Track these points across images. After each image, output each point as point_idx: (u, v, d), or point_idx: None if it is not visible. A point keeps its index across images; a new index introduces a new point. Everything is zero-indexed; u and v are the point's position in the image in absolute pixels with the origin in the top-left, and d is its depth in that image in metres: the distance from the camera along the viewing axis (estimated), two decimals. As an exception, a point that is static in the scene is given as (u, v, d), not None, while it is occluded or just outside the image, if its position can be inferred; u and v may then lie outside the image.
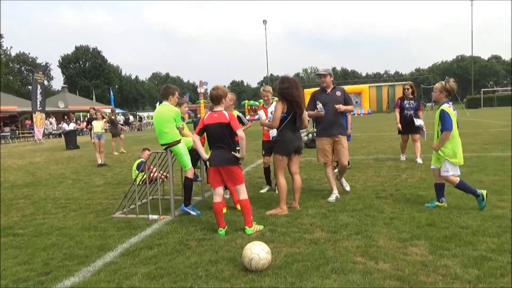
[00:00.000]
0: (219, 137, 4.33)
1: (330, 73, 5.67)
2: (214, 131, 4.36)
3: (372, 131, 18.98)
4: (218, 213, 4.36)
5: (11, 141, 28.28)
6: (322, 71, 5.67)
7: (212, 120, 4.36)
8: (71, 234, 4.61)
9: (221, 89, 4.49)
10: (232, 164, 4.35)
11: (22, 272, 3.53)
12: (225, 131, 4.32)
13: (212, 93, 4.46)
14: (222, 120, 4.32)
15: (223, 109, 4.44)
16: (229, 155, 4.32)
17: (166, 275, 3.31)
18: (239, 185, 4.37)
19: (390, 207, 5.05)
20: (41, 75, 27.54)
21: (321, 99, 5.55)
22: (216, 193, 4.41)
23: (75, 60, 74.32)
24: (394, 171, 7.67)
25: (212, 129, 4.37)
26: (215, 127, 4.34)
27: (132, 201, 5.47)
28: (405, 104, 8.68)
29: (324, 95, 5.64)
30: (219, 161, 4.33)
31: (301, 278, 3.12)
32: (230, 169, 4.34)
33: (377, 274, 3.12)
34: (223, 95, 4.45)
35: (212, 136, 4.40)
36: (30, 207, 6.16)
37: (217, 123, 4.33)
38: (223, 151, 4.32)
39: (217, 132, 4.33)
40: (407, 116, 8.60)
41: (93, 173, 9.74)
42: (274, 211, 5.03)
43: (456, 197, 5.30)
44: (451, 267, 3.19)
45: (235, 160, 4.37)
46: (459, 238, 3.80)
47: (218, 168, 4.35)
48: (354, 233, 4.11)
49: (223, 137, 4.33)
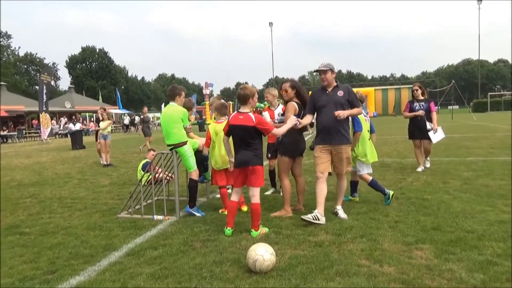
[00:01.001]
0: (243, 139, 4.32)
1: (331, 69, 4.72)
2: (239, 133, 4.33)
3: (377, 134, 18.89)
4: (231, 212, 4.38)
5: (17, 141, 28.51)
6: (322, 66, 4.75)
7: (237, 122, 4.34)
8: (76, 233, 4.65)
9: (249, 89, 4.47)
10: (258, 164, 4.33)
11: (28, 270, 3.56)
12: (251, 134, 4.30)
13: (240, 93, 4.43)
14: (248, 123, 4.28)
15: (249, 111, 4.42)
16: (254, 156, 4.30)
17: (171, 275, 3.32)
18: (256, 188, 4.35)
19: (395, 210, 5.03)
20: (47, 76, 27.78)
21: (320, 100, 4.78)
22: (235, 192, 4.43)
23: (82, 61, 74.83)
24: (399, 174, 7.64)
25: (237, 131, 4.35)
26: (239, 129, 4.32)
27: (137, 201, 5.50)
28: (415, 107, 7.99)
29: (324, 96, 4.79)
30: (244, 163, 4.31)
31: (305, 280, 3.12)
32: (256, 169, 4.31)
33: (382, 277, 3.11)
34: (251, 95, 4.43)
35: (236, 138, 4.38)
36: (36, 206, 6.21)
37: (242, 126, 4.30)
38: (248, 153, 4.30)
39: (242, 134, 4.31)
40: (418, 120, 7.88)
41: (99, 173, 9.79)
42: (278, 213, 5.03)
43: (462, 202, 5.28)
44: (457, 271, 3.18)
45: (260, 161, 4.36)
46: (464, 243, 3.78)
47: (244, 169, 4.34)
48: (358, 236, 4.10)
49: (248, 140, 4.31)
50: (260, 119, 4.38)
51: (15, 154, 17.22)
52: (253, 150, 4.31)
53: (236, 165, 4.40)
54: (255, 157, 4.31)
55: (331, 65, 4.76)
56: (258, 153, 4.34)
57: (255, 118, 4.31)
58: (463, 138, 14.85)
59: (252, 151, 4.30)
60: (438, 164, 8.60)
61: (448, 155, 10.11)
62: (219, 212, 5.29)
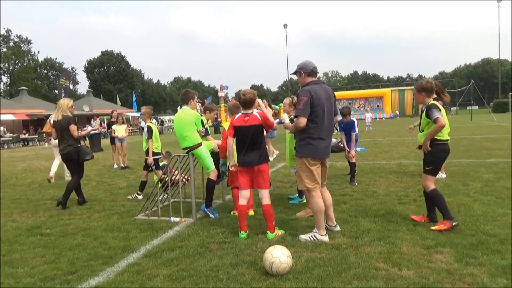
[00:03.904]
0: (253, 139, 4.33)
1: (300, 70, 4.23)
2: (247, 133, 4.33)
3: (394, 135, 18.66)
4: (242, 216, 4.38)
5: (38, 144, 29.18)
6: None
7: (245, 123, 4.34)
8: (95, 234, 4.72)
9: (250, 92, 4.45)
10: (265, 162, 4.37)
11: (49, 271, 3.64)
12: (259, 133, 4.35)
13: (244, 99, 4.38)
14: (255, 122, 4.32)
15: (253, 111, 4.43)
16: (260, 156, 4.33)
17: (188, 277, 3.34)
18: (264, 190, 4.37)
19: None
20: (65, 80, 28.37)
21: None
22: (242, 196, 4.43)
23: (100, 65, 76.28)
24: (417, 176, 7.51)
25: (245, 132, 4.35)
26: (248, 129, 4.33)
27: (154, 203, 5.56)
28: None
29: None
30: (251, 162, 4.33)
31: (323, 283, 3.10)
32: (261, 168, 4.33)
33: (401, 281, 3.06)
34: (255, 97, 4.45)
35: (244, 138, 4.37)
36: (56, 208, 6.34)
37: (250, 126, 4.32)
38: (254, 153, 4.33)
39: (251, 134, 4.32)
40: None
41: (116, 175, 9.94)
42: (303, 213, 5.08)
43: (483, 204, 5.15)
44: (478, 275, 3.10)
45: (266, 159, 4.40)
46: (486, 246, 3.68)
47: (252, 169, 4.36)
48: (376, 239, 4.04)
49: (256, 139, 4.33)
50: (264, 115, 4.38)
51: (35, 156, 17.63)
52: (259, 149, 4.33)
53: (243, 164, 4.39)
54: (261, 156, 4.33)
55: (301, 65, 4.25)
56: (263, 152, 4.37)
57: (259, 116, 4.34)
58: (483, 139, 14.53)
59: (258, 150, 4.33)
60: (458, 166, 8.43)
61: (468, 156, 9.89)
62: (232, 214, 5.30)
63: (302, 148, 4.14)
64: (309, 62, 4.22)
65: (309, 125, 4.04)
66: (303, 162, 4.12)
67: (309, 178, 4.11)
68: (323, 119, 4.07)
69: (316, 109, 4.02)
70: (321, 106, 4.05)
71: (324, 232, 4.12)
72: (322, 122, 4.07)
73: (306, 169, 4.12)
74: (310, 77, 4.19)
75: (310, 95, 4.01)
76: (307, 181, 4.12)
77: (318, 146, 4.08)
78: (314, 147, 4.07)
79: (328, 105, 4.13)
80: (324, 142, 4.13)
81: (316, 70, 4.23)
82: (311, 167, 4.10)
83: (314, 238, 4.08)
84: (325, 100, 4.09)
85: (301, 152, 4.15)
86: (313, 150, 4.08)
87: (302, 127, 4.03)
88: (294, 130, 4.27)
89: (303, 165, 4.14)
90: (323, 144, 4.11)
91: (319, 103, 4.03)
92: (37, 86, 66.84)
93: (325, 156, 4.23)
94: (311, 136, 4.06)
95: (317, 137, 4.07)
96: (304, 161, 4.12)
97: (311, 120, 4.03)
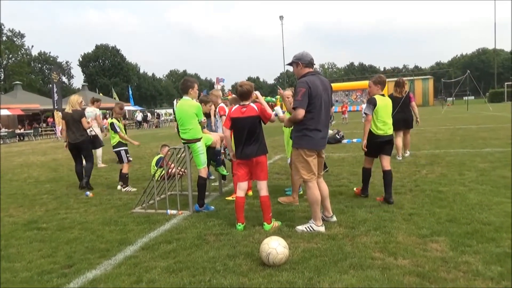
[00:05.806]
0: (250, 130, 4.32)
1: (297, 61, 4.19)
2: (245, 125, 4.33)
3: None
4: (239, 208, 4.38)
5: (34, 138, 29.05)
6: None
7: (242, 114, 4.34)
8: (92, 228, 4.72)
9: (247, 83, 4.43)
10: (263, 153, 4.37)
11: (46, 264, 3.64)
12: (257, 124, 4.34)
13: (242, 91, 4.37)
14: (252, 114, 4.31)
15: (250, 102, 4.41)
16: (258, 147, 4.33)
17: (185, 269, 3.35)
18: (263, 181, 4.37)
19: (409, 202, 4.98)
20: (56, 75, 28.02)
21: None
22: (240, 188, 4.43)
23: (95, 59, 75.65)
24: (413, 166, 7.55)
25: (242, 123, 4.34)
26: (245, 121, 4.32)
27: (151, 196, 5.56)
28: None
29: None
30: (250, 154, 4.32)
31: (319, 273, 3.12)
32: (260, 160, 4.33)
33: (396, 270, 3.09)
34: (252, 89, 4.43)
35: (241, 130, 4.36)
36: (53, 202, 6.33)
37: (248, 118, 4.31)
38: (254, 144, 4.32)
39: (248, 125, 4.31)
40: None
41: (113, 169, 9.91)
42: (285, 199, 5.33)
43: (478, 193, 5.19)
44: (473, 263, 3.13)
45: (265, 151, 4.40)
46: (481, 235, 3.72)
47: (251, 161, 4.35)
48: (372, 229, 4.07)
49: (254, 131, 4.33)
50: (261, 107, 4.37)
51: (31, 151, 17.56)
52: (257, 141, 4.32)
53: (241, 156, 4.38)
54: (259, 148, 4.33)
55: (298, 56, 4.21)
56: (262, 143, 4.37)
57: (257, 107, 4.33)
58: (479, 129, 14.58)
59: (256, 142, 4.32)
60: (454, 156, 8.47)
61: (464, 146, 9.94)
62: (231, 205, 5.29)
63: (299, 139, 4.14)
64: (306, 53, 4.20)
65: (306, 116, 4.03)
66: (300, 153, 4.13)
67: (306, 169, 4.12)
68: (320, 110, 4.07)
69: (313, 100, 4.01)
70: (319, 98, 4.04)
71: (320, 222, 4.14)
72: (319, 113, 4.06)
73: (302, 160, 4.12)
74: (307, 68, 4.18)
75: (308, 86, 3.99)
76: (303, 172, 4.13)
77: (315, 137, 4.08)
78: (311, 138, 4.07)
79: (325, 96, 4.12)
80: (321, 134, 4.13)
81: (313, 61, 4.21)
82: (308, 158, 4.10)
83: (311, 229, 4.10)
84: (322, 92, 4.08)
85: (298, 143, 4.15)
86: (310, 141, 4.09)
87: (300, 118, 4.02)
88: (291, 123, 4.27)
89: (299, 156, 4.14)
90: (319, 136, 4.11)
91: (316, 94, 4.02)
92: (32, 80, 66.19)
93: (321, 148, 4.24)
94: (308, 128, 4.06)
95: (314, 128, 4.06)
96: (300, 152, 4.12)
97: (308, 111, 4.02)
